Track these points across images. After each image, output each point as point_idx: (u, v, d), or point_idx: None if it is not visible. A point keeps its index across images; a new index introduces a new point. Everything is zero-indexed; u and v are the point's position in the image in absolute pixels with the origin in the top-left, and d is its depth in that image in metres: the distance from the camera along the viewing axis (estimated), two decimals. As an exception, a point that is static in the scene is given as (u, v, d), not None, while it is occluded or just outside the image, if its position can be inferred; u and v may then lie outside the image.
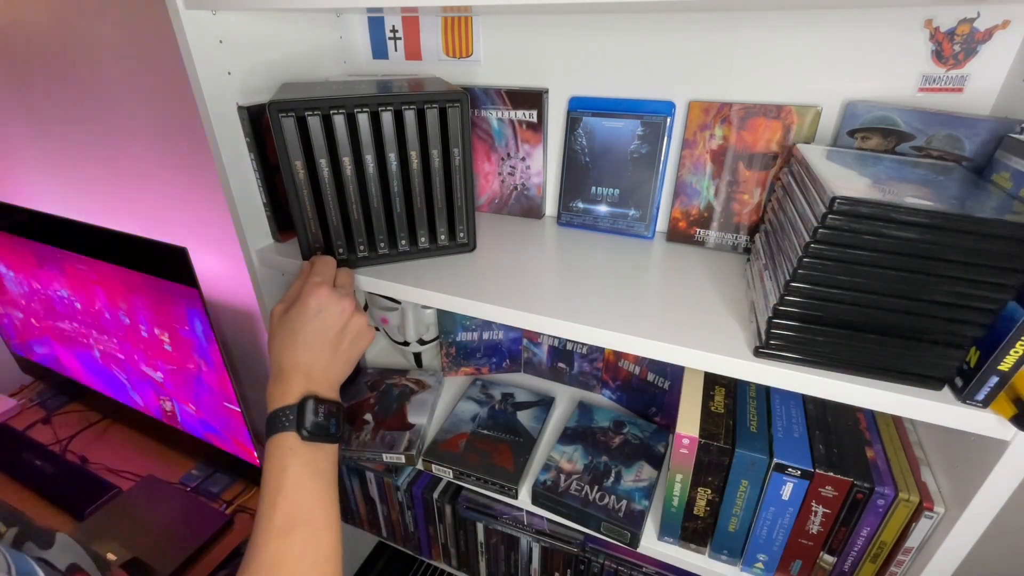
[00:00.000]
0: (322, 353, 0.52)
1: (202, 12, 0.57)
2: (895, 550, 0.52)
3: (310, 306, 0.52)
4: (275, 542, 0.43)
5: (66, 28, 1.07)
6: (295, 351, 0.51)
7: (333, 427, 0.50)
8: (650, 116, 0.66)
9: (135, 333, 1.10)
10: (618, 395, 0.83)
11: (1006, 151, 0.47)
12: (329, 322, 0.52)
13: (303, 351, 0.51)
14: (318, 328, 0.52)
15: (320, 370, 0.51)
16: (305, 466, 0.47)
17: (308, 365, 0.51)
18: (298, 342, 0.51)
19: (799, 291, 0.43)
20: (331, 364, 0.52)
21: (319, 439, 0.49)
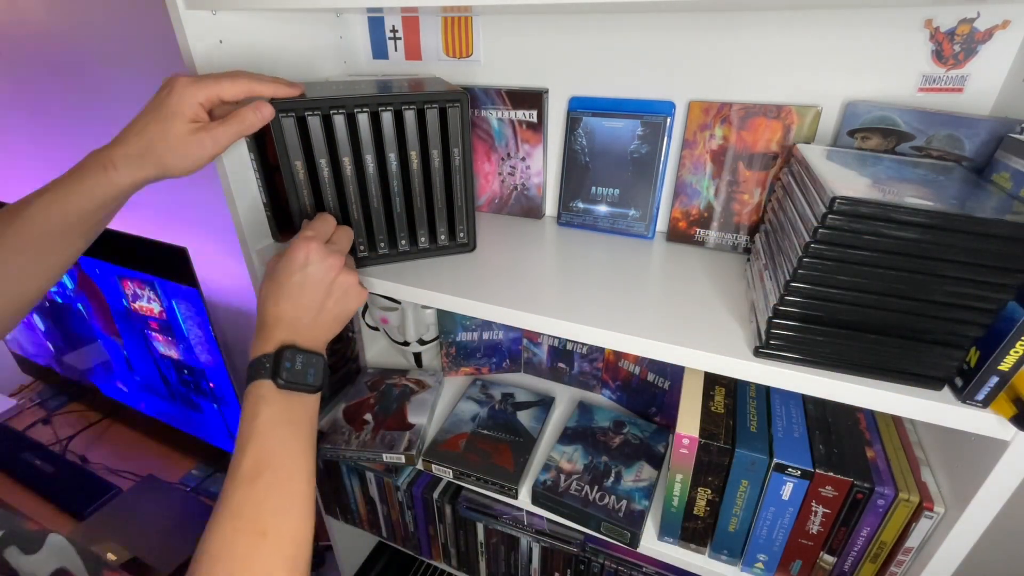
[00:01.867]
0: (307, 308, 0.51)
1: (202, 12, 0.57)
2: (895, 550, 0.52)
3: (296, 259, 0.51)
4: (241, 489, 0.43)
5: (66, 28, 1.07)
6: (278, 303, 0.50)
7: (311, 377, 0.49)
8: (650, 116, 0.66)
9: (135, 333, 1.10)
10: (618, 395, 0.83)
11: (1006, 151, 0.47)
12: (315, 276, 0.51)
13: (286, 303, 0.50)
14: (303, 282, 0.51)
15: (305, 324, 0.51)
16: (278, 414, 0.47)
17: (292, 318, 0.50)
18: (282, 294, 0.50)
19: (799, 291, 0.43)
20: (316, 320, 0.52)
21: (295, 388, 0.48)
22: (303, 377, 0.48)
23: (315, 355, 0.50)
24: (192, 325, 0.98)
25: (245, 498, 0.43)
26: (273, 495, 0.44)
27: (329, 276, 0.52)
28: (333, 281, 0.52)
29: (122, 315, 1.09)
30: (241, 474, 0.44)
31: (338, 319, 0.54)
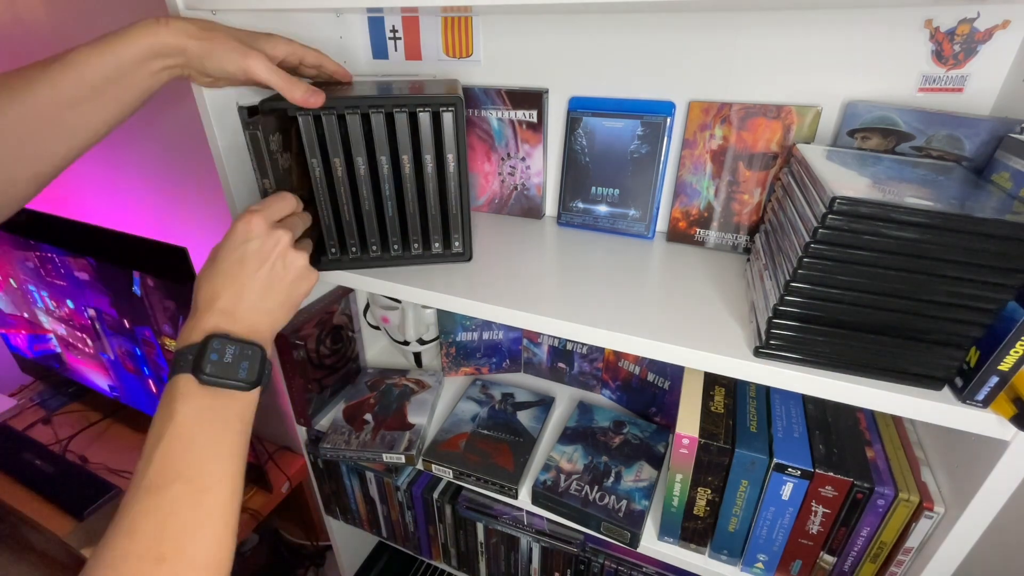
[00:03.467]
0: (245, 289, 0.45)
1: (202, 12, 0.57)
2: (895, 550, 0.52)
3: (236, 234, 0.45)
4: (142, 502, 0.36)
5: (66, 28, 1.07)
6: (212, 283, 0.44)
7: (243, 371, 0.42)
8: (650, 116, 0.66)
9: (135, 333, 1.10)
10: (618, 395, 0.83)
11: (1006, 151, 0.47)
12: (257, 253, 0.45)
13: (222, 284, 0.44)
14: (243, 258, 0.45)
15: (244, 309, 0.44)
16: (199, 414, 0.40)
17: (227, 302, 0.44)
18: (217, 273, 0.44)
19: (799, 291, 0.43)
20: (258, 304, 0.45)
21: (223, 384, 0.41)
22: (233, 372, 0.42)
23: (251, 345, 0.44)
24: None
25: (145, 513, 0.36)
26: (182, 511, 0.37)
27: (273, 253, 0.46)
28: (278, 259, 0.46)
29: (122, 314, 1.09)
30: (144, 484, 0.37)
31: (284, 305, 0.48)
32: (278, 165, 0.54)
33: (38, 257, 1.15)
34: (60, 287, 1.17)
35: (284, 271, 0.47)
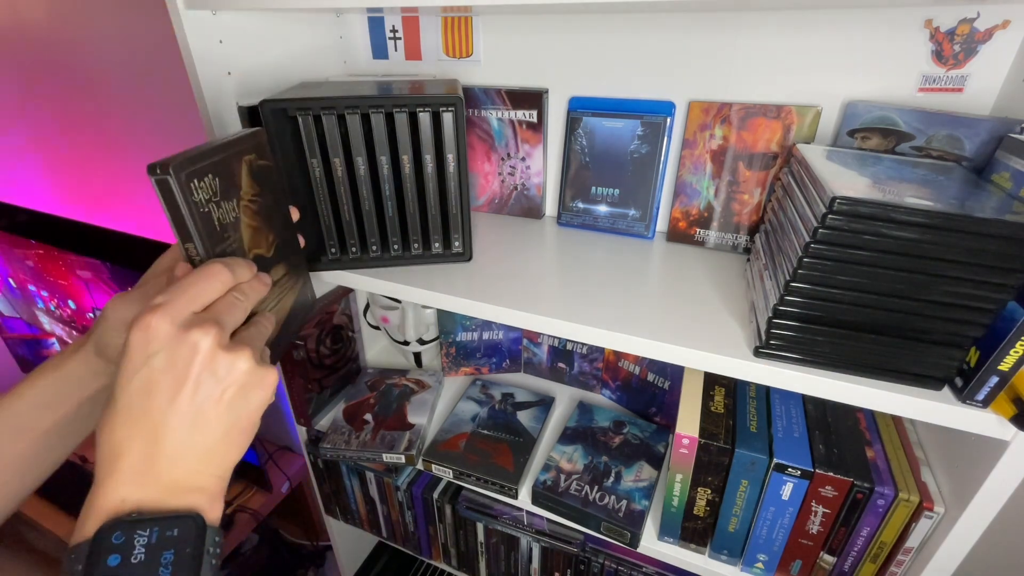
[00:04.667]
0: (161, 430, 0.30)
1: (202, 12, 0.57)
2: (895, 550, 0.52)
3: (131, 350, 0.30)
4: None
5: (66, 28, 1.07)
6: (112, 434, 0.30)
7: (167, 570, 0.27)
8: (650, 116, 0.66)
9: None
10: (618, 395, 0.83)
11: (1006, 151, 0.47)
12: (167, 373, 0.30)
13: (125, 432, 0.30)
14: (147, 387, 0.30)
15: (165, 461, 0.30)
16: None
17: (136, 457, 0.29)
18: (116, 416, 0.30)
19: (799, 291, 0.43)
20: (185, 447, 0.31)
21: None
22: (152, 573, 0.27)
23: (180, 519, 0.29)
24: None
25: None
26: None
27: (194, 365, 0.31)
28: (203, 372, 0.31)
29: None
30: None
31: (232, 433, 0.32)
32: (212, 220, 0.37)
33: (38, 257, 1.15)
34: (61, 287, 1.16)
35: (217, 385, 0.31)
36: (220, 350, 0.31)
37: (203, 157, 0.36)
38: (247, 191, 0.41)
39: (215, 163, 0.37)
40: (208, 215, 0.36)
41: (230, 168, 0.39)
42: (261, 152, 0.43)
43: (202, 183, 0.36)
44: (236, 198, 0.40)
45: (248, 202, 0.41)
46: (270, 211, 0.44)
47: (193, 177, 0.35)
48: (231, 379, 0.32)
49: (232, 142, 0.40)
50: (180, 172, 0.33)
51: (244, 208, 0.41)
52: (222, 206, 0.38)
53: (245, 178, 0.41)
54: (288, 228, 0.48)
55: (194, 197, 0.35)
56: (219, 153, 0.38)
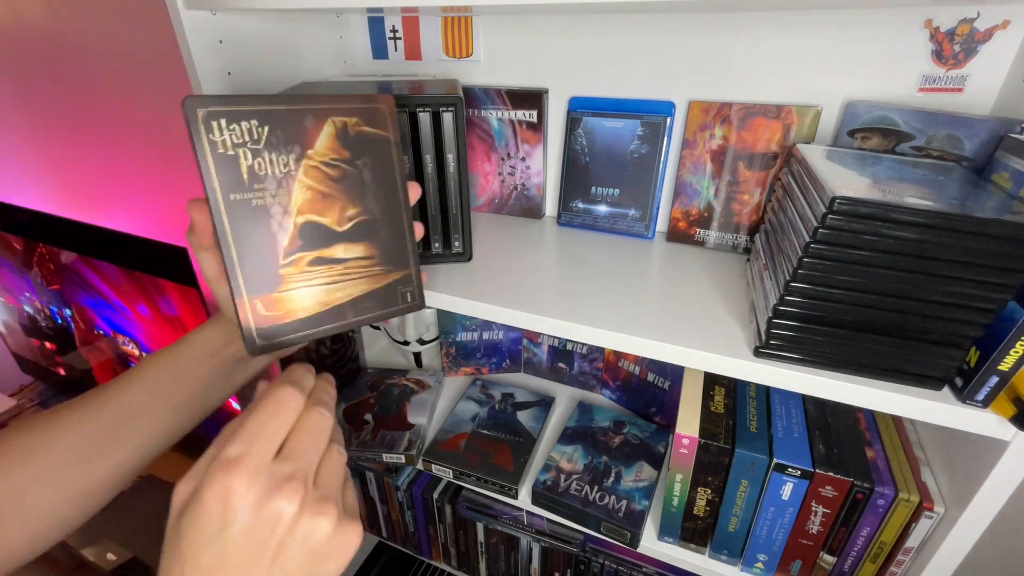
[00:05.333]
0: None
1: (202, 12, 0.57)
2: (895, 550, 0.52)
3: (208, 513, 0.27)
4: None
5: (66, 28, 1.07)
6: None
7: None
8: (650, 116, 0.66)
9: (134, 333, 1.10)
10: (618, 395, 0.83)
11: (1006, 151, 0.47)
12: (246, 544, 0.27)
13: None
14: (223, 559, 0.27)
15: None
16: None
17: None
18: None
19: (799, 291, 0.43)
20: None
21: None
22: None
23: None
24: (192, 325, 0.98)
25: None
26: None
27: (275, 536, 0.27)
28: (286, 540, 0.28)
29: (121, 314, 1.09)
30: None
31: None
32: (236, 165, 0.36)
33: (38, 256, 1.15)
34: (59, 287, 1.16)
35: (294, 555, 0.28)
36: (304, 514, 0.28)
37: (246, 102, 0.35)
38: (321, 151, 0.38)
39: (265, 112, 0.36)
40: (232, 159, 0.35)
41: (294, 121, 0.37)
42: (371, 119, 0.39)
43: (232, 126, 0.35)
44: (296, 155, 0.37)
45: (321, 164, 0.38)
46: (360, 183, 0.40)
47: (219, 117, 0.34)
48: (309, 545, 0.28)
49: (313, 97, 0.37)
50: (198, 107, 0.34)
51: (309, 168, 0.38)
52: (263, 155, 0.36)
53: (324, 138, 0.38)
54: (393, 211, 0.42)
55: (213, 136, 0.34)
56: (278, 103, 0.36)
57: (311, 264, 0.38)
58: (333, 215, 0.39)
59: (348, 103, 0.38)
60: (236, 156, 0.35)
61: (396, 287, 0.43)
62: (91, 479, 0.38)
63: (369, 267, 0.41)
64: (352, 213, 0.40)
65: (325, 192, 0.38)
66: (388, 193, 0.41)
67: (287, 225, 0.37)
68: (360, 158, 0.39)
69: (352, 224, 0.40)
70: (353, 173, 0.39)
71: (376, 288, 0.42)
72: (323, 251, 0.38)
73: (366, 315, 0.42)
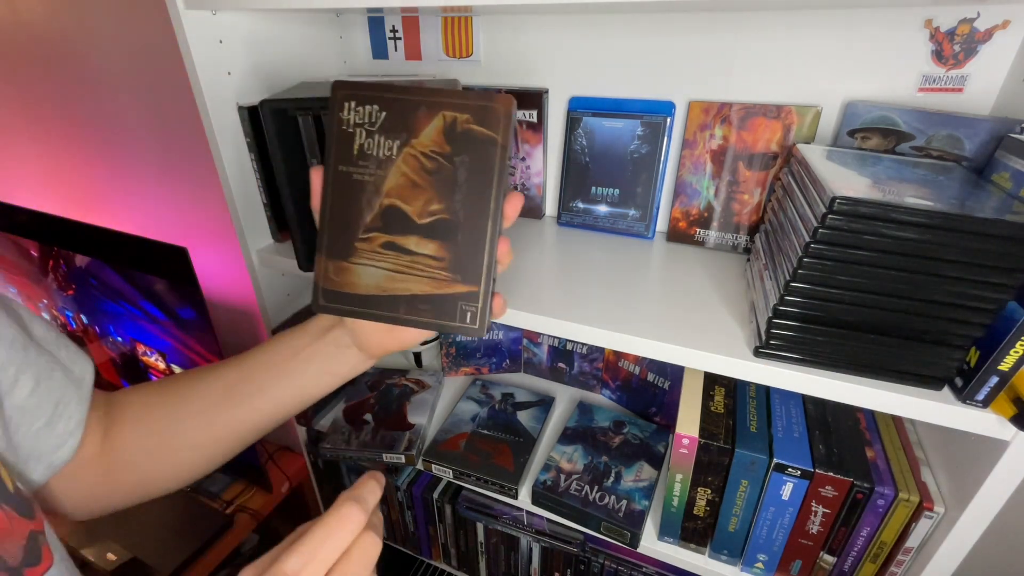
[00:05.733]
0: None
1: (202, 12, 0.57)
2: (895, 550, 0.52)
3: None
4: None
5: (66, 28, 1.07)
6: None
7: None
8: (650, 116, 0.66)
9: (134, 333, 1.10)
10: (618, 395, 0.83)
11: (1006, 151, 0.47)
12: None
13: None
14: None
15: None
16: None
17: None
18: None
19: (799, 291, 0.43)
20: None
21: None
22: None
23: None
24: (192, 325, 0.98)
25: None
26: None
27: None
28: None
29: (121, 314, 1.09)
30: None
31: None
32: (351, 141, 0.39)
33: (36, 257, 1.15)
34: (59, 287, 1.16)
35: None
36: None
37: (376, 88, 0.38)
38: (424, 141, 0.38)
39: (388, 99, 0.38)
40: (350, 135, 0.38)
41: (408, 110, 0.38)
42: (483, 119, 0.38)
43: (360, 108, 0.38)
44: (401, 141, 0.38)
45: (419, 153, 0.38)
46: (452, 181, 0.38)
47: (351, 99, 0.37)
48: None
49: (433, 91, 0.38)
50: (340, 89, 0.37)
51: (408, 155, 0.38)
52: (376, 138, 0.38)
53: (430, 129, 0.38)
54: (478, 218, 0.38)
55: (342, 114, 0.37)
56: (401, 93, 0.38)
57: (383, 247, 0.38)
58: (417, 205, 0.38)
59: (464, 99, 0.37)
60: (353, 134, 0.37)
61: (457, 301, 0.39)
62: (236, 419, 0.44)
63: (435, 269, 0.39)
64: (435, 208, 0.39)
65: (416, 181, 0.38)
66: (478, 198, 0.38)
67: (374, 203, 0.38)
68: (460, 155, 0.38)
69: (432, 219, 0.39)
70: (448, 169, 0.38)
71: (436, 294, 0.39)
72: (397, 237, 0.38)
73: (417, 317, 0.39)
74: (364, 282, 0.39)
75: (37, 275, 1.18)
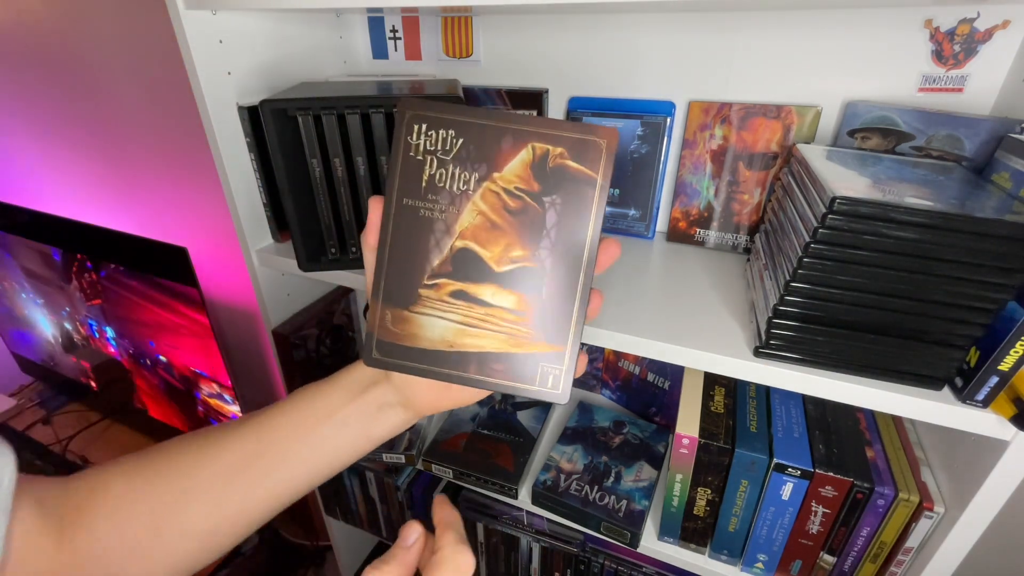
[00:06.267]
0: None
1: (202, 12, 0.57)
2: (895, 550, 0.52)
3: None
4: None
5: (66, 28, 1.07)
6: None
7: None
8: (650, 116, 0.66)
9: (134, 332, 1.10)
10: (618, 395, 0.83)
11: (1006, 151, 0.47)
12: None
13: None
14: None
15: None
16: None
17: None
18: None
19: (799, 291, 0.43)
20: None
21: None
22: None
23: None
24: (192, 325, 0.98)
25: None
26: None
27: None
28: None
29: (121, 314, 1.09)
30: None
31: None
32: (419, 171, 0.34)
33: (36, 257, 1.15)
34: (59, 287, 1.16)
35: None
36: None
37: (449, 111, 0.32)
38: (508, 176, 0.33)
39: (466, 124, 0.33)
40: (418, 164, 0.33)
41: (490, 139, 0.33)
42: (580, 154, 0.33)
43: (430, 132, 0.33)
44: (480, 174, 0.33)
45: (502, 190, 0.33)
46: (540, 224, 0.33)
47: (421, 121, 0.32)
48: None
49: (520, 118, 0.33)
50: (407, 109, 0.32)
51: (488, 191, 0.33)
52: (448, 169, 0.33)
53: (516, 163, 0.33)
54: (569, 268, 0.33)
55: (411, 138, 0.33)
56: (482, 117, 0.33)
57: (452, 295, 0.33)
58: (496, 250, 0.33)
59: (558, 129, 0.33)
60: (423, 162, 0.33)
61: (539, 362, 0.34)
62: (254, 498, 0.37)
63: (514, 324, 0.34)
64: (517, 255, 0.33)
65: (495, 222, 0.33)
66: (570, 245, 0.33)
67: (444, 245, 0.33)
68: (551, 195, 0.33)
69: (512, 267, 0.33)
70: (535, 210, 0.33)
71: (513, 352, 0.34)
72: (470, 286, 0.33)
73: (491, 378, 0.34)
74: (428, 335, 0.33)
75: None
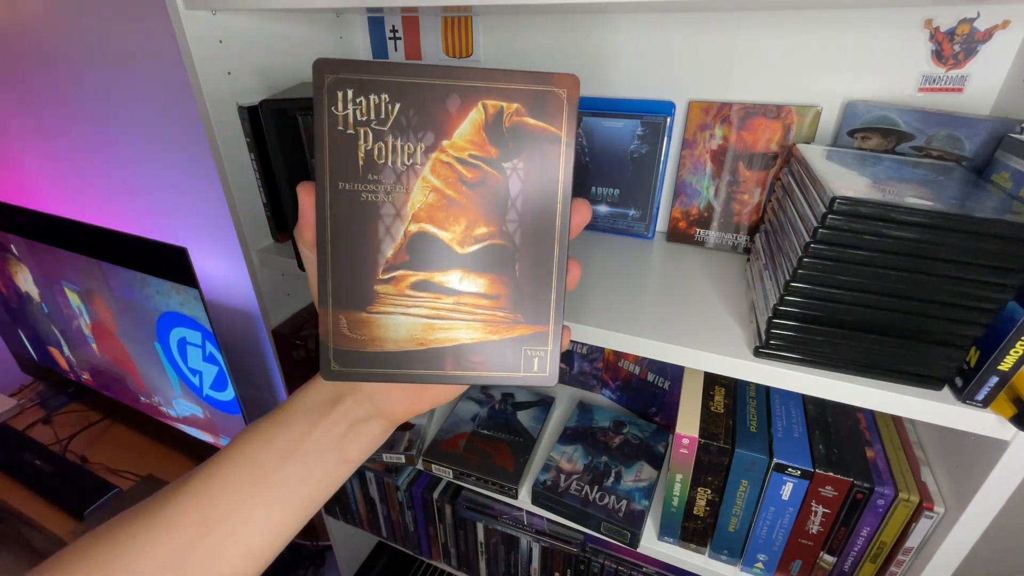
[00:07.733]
0: None
1: (202, 12, 0.57)
2: (895, 550, 0.52)
3: None
4: None
5: (66, 28, 1.07)
6: None
7: None
8: (650, 116, 0.66)
9: (134, 332, 1.10)
10: (618, 395, 0.83)
11: (1006, 151, 0.47)
12: None
13: None
14: None
15: None
16: None
17: None
18: None
19: (799, 291, 0.43)
20: None
21: None
22: None
23: None
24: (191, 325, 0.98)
25: None
26: None
27: None
28: None
29: (121, 314, 1.09)
30: None
31: None
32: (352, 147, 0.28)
33: (37, 257, 1.15)
34: (59, 287, 1.16)
35: None
36: None
37: (383, 71, 0.27)
38: (459, 144, 0.28)
39: (402, 84, 0.27)
40: (350, 139, 0.27)
41: (432, 101, 0.28)
42: (539, 108, 0.29)
43: (359, 98, 0.27)
44: (427, 144, 0.28)
45: (455, 160, 0.28)
46: (504, 194, 0.29)
47: (347, 86, 0.27)
48: None
49: (466, 71, 0.28)
50: (327, 72, 0.26)
51: (439, 163, 0.28)
52: (387, 141, 0.28)
53: (467, 126, 0.28)
54: (542, 239, 0.29)
55: (336, 108, 0.27)
56: (420, 75, 0.27)
57: (414, 287, 0.29)
58: (456, 230, 0.29)
59: (509, 82, 0.28)
60: (355, 136, 0.27)
61: (521, 346, 0.31)
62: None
63: (490, 310, 0.30)
64: (482, 232, 0.29)
65: (452, 198, 0.29)
66: (541, 213, 0.29)
67: (396, 232, 0.28)
68: (511, 159, 0.28)
69: (479, 247, 0.29)
70: (495, 179, 0.29)
71: (493, 340, 0.30)
72: (433, 274, 0.29)
73: (471, 372, 0.30)
74: (393, 336, 0.29)
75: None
